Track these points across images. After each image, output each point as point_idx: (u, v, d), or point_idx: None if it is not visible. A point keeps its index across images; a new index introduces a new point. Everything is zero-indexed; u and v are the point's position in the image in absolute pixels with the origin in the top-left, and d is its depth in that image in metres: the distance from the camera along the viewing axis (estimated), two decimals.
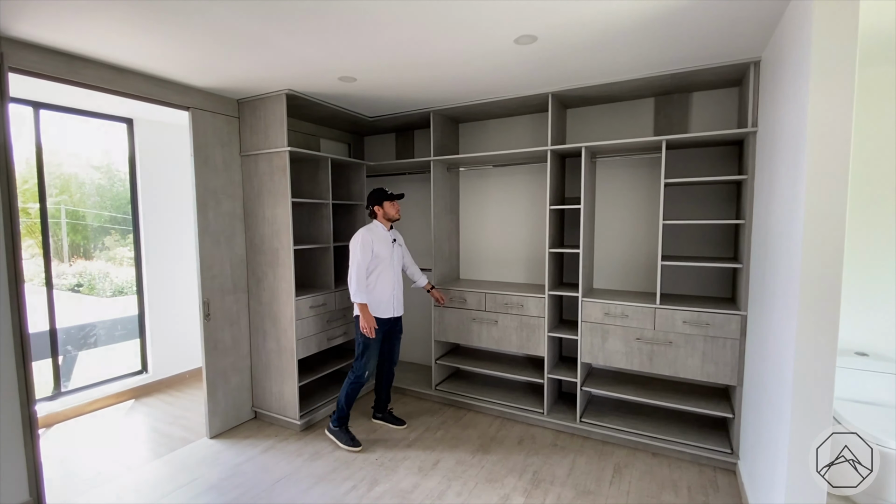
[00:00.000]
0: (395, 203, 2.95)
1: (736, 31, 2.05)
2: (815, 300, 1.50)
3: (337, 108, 3.25)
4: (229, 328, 3.07)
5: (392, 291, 2.92)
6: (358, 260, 2.76)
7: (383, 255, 2.86)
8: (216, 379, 3.00)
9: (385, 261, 2.87)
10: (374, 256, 2.82)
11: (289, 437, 2.98)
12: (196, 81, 2.71)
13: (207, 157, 2.91)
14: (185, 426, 3.20)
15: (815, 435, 1.52)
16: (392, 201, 2.93)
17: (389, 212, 2.92)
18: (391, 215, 2.93)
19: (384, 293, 2.88)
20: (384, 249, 2.86)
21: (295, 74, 2.59)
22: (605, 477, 2.50)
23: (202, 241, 2.88)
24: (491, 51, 2.24)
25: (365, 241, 2.79)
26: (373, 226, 2.91)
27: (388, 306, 2.90)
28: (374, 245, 2.82)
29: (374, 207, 2.92)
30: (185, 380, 4.07)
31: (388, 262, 2.88)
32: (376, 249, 2.82)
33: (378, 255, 2.83)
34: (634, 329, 2.74)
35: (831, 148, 1.45)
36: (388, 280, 2.89)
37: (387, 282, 2.88)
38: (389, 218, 2.92)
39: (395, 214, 2.94)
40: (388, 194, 2.92)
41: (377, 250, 2.83)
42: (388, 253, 2.88)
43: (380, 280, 2.86)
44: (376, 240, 2.85)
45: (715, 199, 2.89)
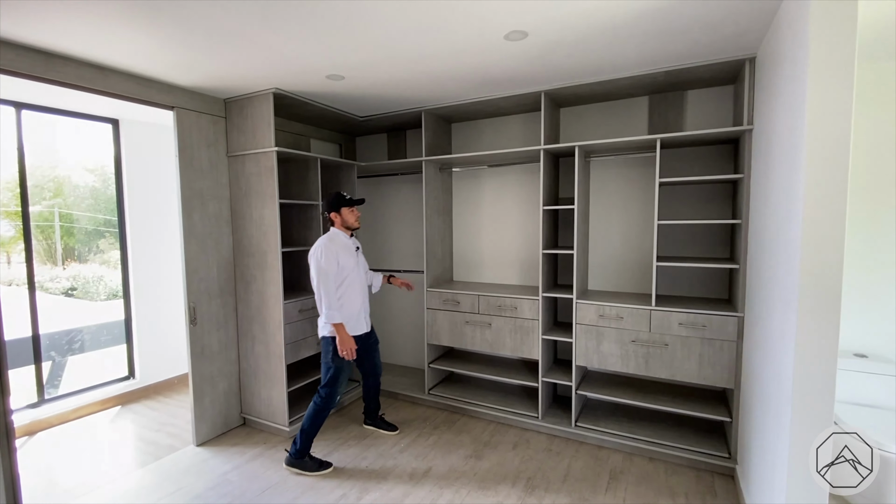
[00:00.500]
0: (355, 209, 2.70)
1: (731, 27, 2.01)
2: (814, 301, 1.45)
3: (326, 107, 3.19)
4: (216, 333, 3.00)
5: (362, 304, 2.72)
6: (325, 274, 2.49)
7: (349, 266, 2.62)
8: (203, 385, 2.93)
9: (352, 271, 2.64)
10: (341, 268, 2.58)
11: (278, 444, 2.90)
12: (180, 80, 2.64)
13: (193, 158, 2.84)
14: (171, 433, 3.12)
15: (816, 438, 1.47)
16: (351, 207, 2.67)
17: (348, 219, 2.67)
18: (349, 223, 2.67)
19: (354, 307, 2.66)
20: (349, 259, 2.63)
21: (281, 72, 2.53)
22: (600, 483, 2.44)
23: (188, 243, 2.81)
24: (481, 47, 2.19)
25: (329, 252, 2.53)
26: (333, 234, 2.66)
27: (359, 321, 2.69)
28: (339, 255, 2.58)
29: (330, 214, 2.68)
30: (173, 385, 3.99)
31: (355, 272, 2.66)
32: (342, 260, 2.58)
33: (344, 267, 2.59)
34: (630, 331, 2.68)
35: (830, 146, 1.40)
36: (357, 292, 2.68)
37: (356, 294, 2.67)
38: (348, 226, 2.68)
39: (354, 222, 2.69)
40: (347, 199, 2.67)
41: (343, 261, 2.58)
42: (354, 262, 2.66)
43: (348, 293, 2.63)
44: (340, 250, 2.60)
45: (710, 198, 2.85)
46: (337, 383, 2.60)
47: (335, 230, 2.69)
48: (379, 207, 4.13)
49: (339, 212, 2.66)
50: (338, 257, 2.56)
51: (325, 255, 2.52)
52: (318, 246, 2.56)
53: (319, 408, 2.59)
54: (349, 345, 2.51)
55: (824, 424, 1.46)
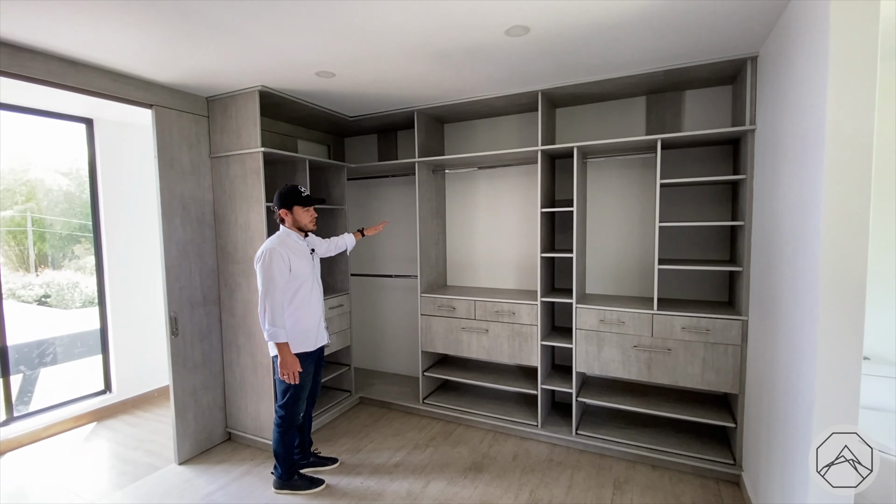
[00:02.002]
0: (311, 210, 2.34)
1: (736, 25, 1.96)
2: (837, 305, 1.39)
3: (315, 106, 3.06)
4: (199, 344, 2.84)
5: (318, 315, 2.40)
6: (272, 284, 2.15)
7: (304, 273, 2.29)
8: (185, 399, 2.77)
9: (307, 279, 2.31)
10: (293, 276, 2.25)
11: (266, 461, 2.75)
12: (159, 77, 2.49)
13: (173, 159, 2.68)
14: (151, 451, 2.95)
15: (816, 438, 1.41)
16: (307, 207, 2.31)
17: (301, 219, 2.31)
18: (302, 223, 2.32)
19: (309, 320, 2.33)
20: (304, 265, 2.29)
21: (268, 69, 2.40)
22: (605, 495, 2.36)
23: (168, 249, 2.65)
24: (480, 42, 2.10)
25: (278, 258, 2.18)
26: (284, 235, 2.29)
27: (313, 335, 2.37)
28: (292, 261, 2.24)
29: (280, 211, 2.32)
30: (154, 399, 3.79)
31: (311, 279, 2.34)
32: (294, 266, 2.24)
33: (298, 274, 2.26)
34: (631, 336, 2.62)
35: (852, 145, 1.35)
36: (315, 302, 2.37)
37: (312, 305, 2.35)
38: (301, 227, 2.34)
39: (309, 223, 2.34)
40: (304, 196, 2.31)
41: (296, 267, 2.24)
42: (310, 268, 2.34)
43: (302, 304, 2.30)
44: (292, 254, 2.25)
45: (708, 200, 2.80)
46: (297, 402, 2.35)
47: (285, 230, 2.33)
48: (369, 210, 4.00)
49: (291, 210, 2.31)
50: (289, 263, 2.23)
51: (273, 261, 2.16)
52: (265, 249, 2.20)
53: (282, 429, 2.35)
54: (292, 367, 2.19)
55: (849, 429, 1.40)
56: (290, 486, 2.44)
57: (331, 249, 2.71)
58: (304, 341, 2.34)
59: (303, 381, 2.32)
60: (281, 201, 2.32)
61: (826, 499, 1.43)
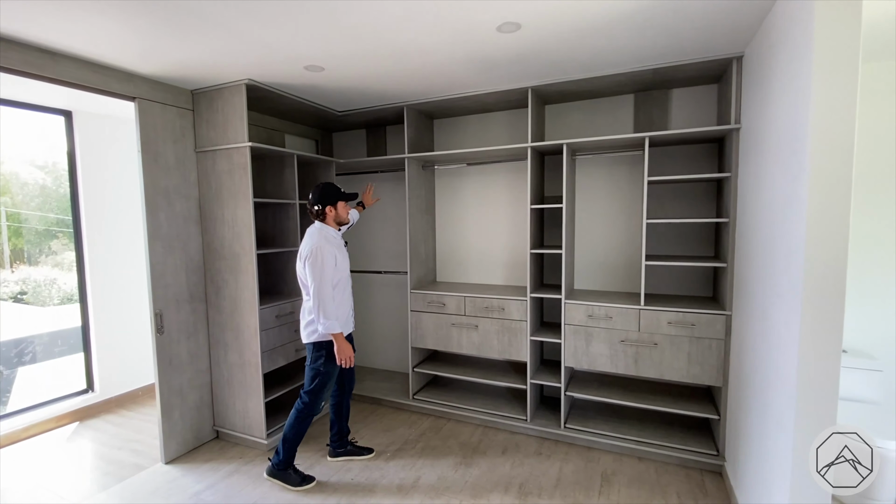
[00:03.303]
0: (348, 204, 2.57)
1: (722, 24, 1.99)
2: (818, 300, 1.43)
3: (303, 101, 3.02)
4: (186, 341, 2.80)
5: (351, 304, 2.56)
6: (326, 279, 2.28)
7: (345, 266, 2.46)
8: (171, 398, 2.72)
9: (344, 269, 2.46)
10: (336, 270, 2.37)
11: (255, 459, 2.73)
12: (142, 68, 2.43)
13: (157, 154, 2.62)
14: (137, 451, 2.90)
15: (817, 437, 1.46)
16: (347, 202, 2.52)
17: (342, 214, 2.47)
18: (342, 218, 2.48)
19: (345, 309, 2.48)
20: (343, 258, 2.46)
21: (256, 62, 2.36)
22: (593, 486, 2.40)
23: (153, 246, 2.60)
24: (472, 39, 2.10)
25: (332, 257, 2.32)
26: (324, 231, 2.41)
27: (349, 323, 2.53)
28: (337, 257, 2.38)
29: (325, 208, 2.43)
30: (138, 398, 3.72)
31: (347, 269, 2.50)
32: (339, 260, 2.39)
33: (340, 267, 2.40)
34: (619, 331, 2.66)
35: (835, 144, 1.39)
36: (349, 293, 2.53)
37: (348, 294, 2.51)
38: (340, 221, 2.49)
39: (347, 217, 2.52)
40: (343, 193, 2.49)
41: (339, 261, 2.39)
42: (346, 260, 2.51)
43: (343, 295, 2.46)
44: (337, 250, 2.39)
45: (693, 197, 2.86)
46: (324, 390, 2.44)
47: (324, 225, 2.43)
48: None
49: (336, 206, 2.44)
50: (336, 259, 2.36)
51: (326, 259, 2.29)
52: (315, 246, 2.30)
53: (303, 414, 2.42)
54: (348, 353, 2.35)
55: (828, 422, 1.45)
56: (283, 478, 2.45)
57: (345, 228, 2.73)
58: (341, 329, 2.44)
59: (334, 369, 2.43)
60: (324, 199, 2.42)
61: (806, 488, 1.49)
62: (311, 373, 2.43)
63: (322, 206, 2.42)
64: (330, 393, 2.52)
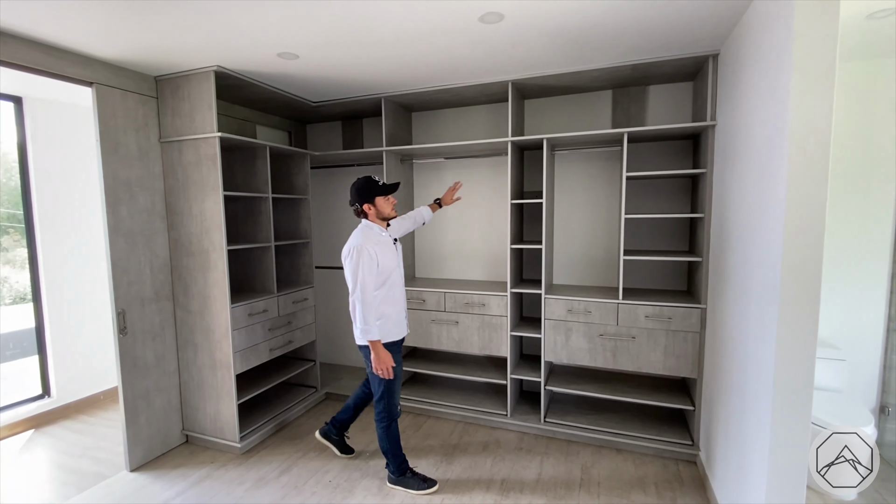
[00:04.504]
0: (391, 196, 2.29)
1: (701, 23, 2.01)
2: (795, 293, 1.46)
3: (276, 90, 2.90)
4: (151, 342, 2.65)
5: (402, 305, 2.37)
6: (364, 284, 2.11)
7: (390, 265, 2.24)
8: (136, 402, 2.58)
9: (394, 272, 2.27)
10: (381, 270, 2.19)
11: (227, 463, 2.63)
12: (100, 52, 2.27)
13: (118, 143, 2.46)
14: (99, 458, 2.74)
15: (797, 425, 1.50)
16: (386, 196, 2.26)
17: (384, 209, 2.25)
18: (386, 213, 2.26)
19: (396, 310, 2.31)
20: (389, 258, 2.24)
21: (225, 48, 2.24)
22: (573, 480, 2.42)
23: (114, 241, 2.44)
24: (453, 28, 2.04)
25: (368, 257, 2.12)
26: (367, 229, 2.23)
27: (401, 325, 2.35)
28: (380, 256, 2.18)
29: (363, 206, 2.25)
30: (100, 402, 3.53)
31: (396, 269, 2.29)
32: (382, 261, 2.19)
33: (385, 268, 2.21)
34: (598, 325, 2.68)
35: (813, 142, 1.41)
36: (399, 294, 2.33)
37: (397, 297, 2.31)
38: (384, 217, 2.28)
39: (391, 212, 2.28)
40: (381, 186, 2.24)
41: (383, 262, 2.19)
42: (395, 260, 2.29)
43: (388, 297, 2.26)
44: (379, 248, 2.20)
45: (667, 193, 2.90)
46: (393, 391, 2.30)
47: (368, 223, 2.26)
48: (332, 200, 3.87)
49: (374, 202, 2.23)
50: (377, 259, 2.17)
51: (362, 260, 2.11)
52: (353, 246, 2.16)
53: (384, 424, 2.32)
54: (387, 363, 2.18)
55: (804, 412, 1.49)
56: (403, 483, 2.37)
57: (408, 227, 2.57)
58: (390, 332, 2.29)
59: (395, 372, 2.27)
60: (361, 196, 2.24)
61: (782, 475, 1.52)
62: (375, 381, 2.29)
63: (360, 204, 2.24)
64: (399, 392, 2.36)
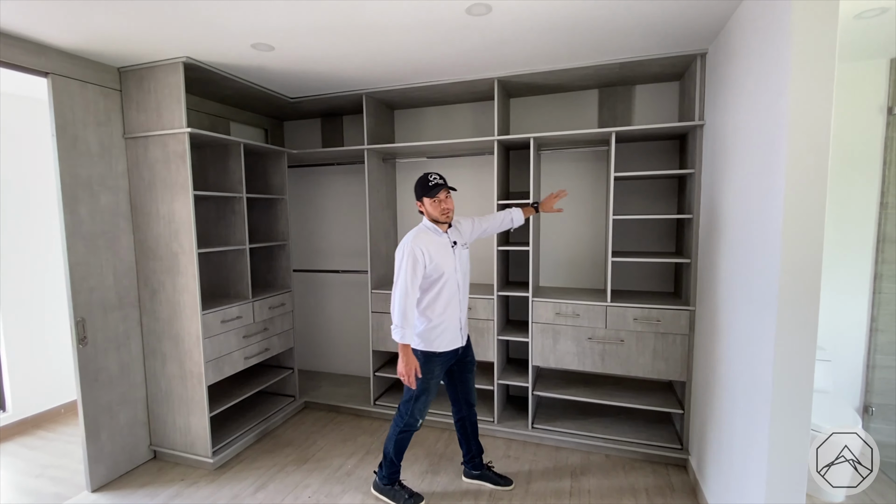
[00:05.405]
0: (442, 199, 2.09)
1: (690, 21, 1.97)
2: (794, 296, 1.42)
3: (250, 84, 2.76)
4: (115, 353, 2.47)
5: (459, 314, 2.18)
6: (403, 282, 2.01)
7: (443, 269, 2.09)
8: (99, 416, 2.40)
9: (447, 276, 2.11)
10: (434, 268, 2.07)
11: (199, 480, 2.47)
12: (57, 40, 2.09)
13: (77, 139, 2.29)
14: (58, 478, 2.55)
15: (796, 429, 1.46)
16: (432, 197, 2.09)
17: (431, 212, 2.10)
18: (433, 216, 2.11)
19: (448, 318, 2.14)
20: (444, 261, 2.09)
21: (195, 37, 2.09)
22: (563, 489, 2.35)
23: (72, 244, 2.26)
24: (439, 19, 1.95)
25: (413, 254, 2.02)
26: (422, 228, 2.13)
27: (453, 336, 2.17)
28: (432, 256, 2.06)
29: (418, 205, 2.18)
30: (60, 416, 3.30)
31: (452, 275, 2.13)
32: (435, 260, 2.06)
33: (435, 271, 2.07)
34: (586, 328, 2.63)
35: (812, 142, 1.37)
36: (452, 301, 2.14)
37: (450, 303, 2.13)
38: (433, 219, 2.13)
39: (440, 216, 2.10)
40: (431, 184, 2.07)
41: (435, 264, 2.06)
42: (451, 264, 2.13)
43: (440, 301, 2.12)
44: (432, 248, 2.08)
45: (654, 193, 2.88)
46: (420, 402, 2.18)
47: (424, 224, 2.16)
48: (311, 200, 3.73)
49: (422, 201, 2.13)
50: (427, 258, 2.04)
51: (406, 258, 2.02)
52: (403, 244, 2.08)
53: (400, 428, 2.21)
54: (411, 369, 2.05)
55: (803, 415, 1.45)
56: (388, 494, 2.27)
57: (489, 229, 2.39)
58: (437, 340, 2.14)
59: (427, 384, 2.14)
60: (416, 193, 2.16)
61: (782, 480, 1.48)
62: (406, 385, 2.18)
63: (419, 202, 2.16)
64: (427, 407, 2.22)
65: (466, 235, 2.27)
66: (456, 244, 2.17)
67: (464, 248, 2.23)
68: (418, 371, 2.08)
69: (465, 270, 2.23)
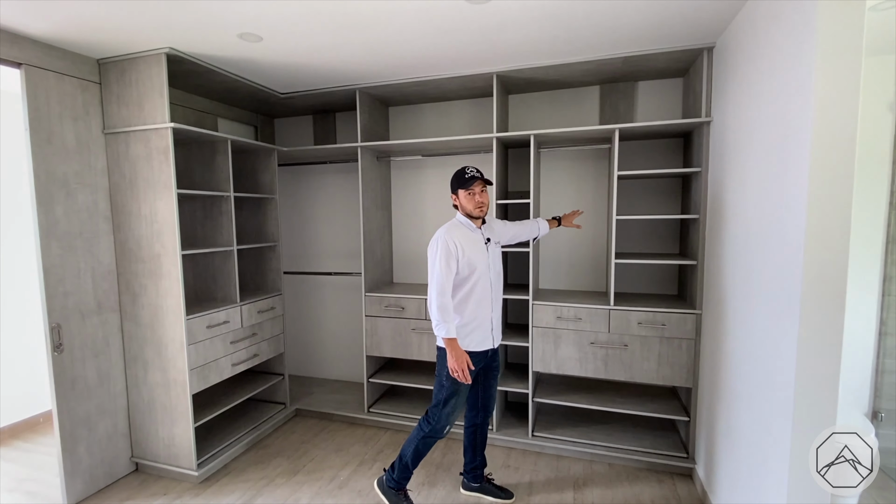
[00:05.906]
0: (476, 192, 2.02)
1: (696, 9, 1.88)
2: (818, 300, 1.33)
3: (239, 78, 2.64)
4: (94, 360, 2.34)
5: (490, 314, 2.09)
6: (438, 276, 1.94)
7: (475, 265, 2.01)
8: (76, 428, 2.27)
9: (479, 273, 2.02)
10: (465, 264, 1.99)
11: (183, 494, 2.34)
12: (31, 28, 1.96)
13: (52, 134, 2.15)
14: (33, 492, 2.41)
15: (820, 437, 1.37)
16: (468, 189, 2.01)
17: (465, 205, 2.03)
18: (467, 210, 2.04)
19: (479, 317, 2.06)
20: (477, 257, 2.01)
21: (178, 26, 1.98)
22: (566, 498, 2.25)
23: (47, 245, 2.13)
24: (437, 7, 1.85)
25: (446, 246, 1.95)
26: (455, 222, 2.08)
27: (483, 335, 2.08)
28: (464, 251, 1.99)
29: (452, 197, 2.11)
30: (37, 426, 3.15)
31: (485, 272, 2.05)
32: (468, 255, 1.99)
33: (467, 266, 2.00)
34: (588, 333, 2.53)
35: (837, 139, 1.28)
36: (484, 299, 2.06)
37: (482, 302, 2.05)
38: (467, 213, 2.06)
39: (474, 210, 2.03)
40: (466, 177, 2.01)
41: (467, 259, 1.99)
42: (484, 261, 2.04)
43: (472, 299, 2.03)
44: (465, 243, 2.01)
45: (657, 193, 2.80)
46: (449, 406, 2.06)
47: (457, 219, 2.09)
48: (302, 200, 3.61)
49: (457, 194, 2.06)
50: (460, 252, 1.97)
51: (439, 251, 1.96)
52: (435, 238, 2.01)
53: (425, 434, 2.09)
54: (461, 361, 1.94)
55: (828, 423, 1.37)
56: (391, 499, 2.16)
57: (518, 235, 2.33)
58: (467, 339, 2.04)
59: (457, 385, 2.04)
60: (451, 185, 2.09)
61: (804, 490, 1.39)
62: (436, 383, 2.09)
63: (454, 194, 2.09)
64: (457, 413, 2.10)
65: (498, 234, 2.20)
66: (489, 241, 2.10)
67: (497, 247, 2.15)
68: (470, 363, 1.97)
69: (499, 269, 2.15)
